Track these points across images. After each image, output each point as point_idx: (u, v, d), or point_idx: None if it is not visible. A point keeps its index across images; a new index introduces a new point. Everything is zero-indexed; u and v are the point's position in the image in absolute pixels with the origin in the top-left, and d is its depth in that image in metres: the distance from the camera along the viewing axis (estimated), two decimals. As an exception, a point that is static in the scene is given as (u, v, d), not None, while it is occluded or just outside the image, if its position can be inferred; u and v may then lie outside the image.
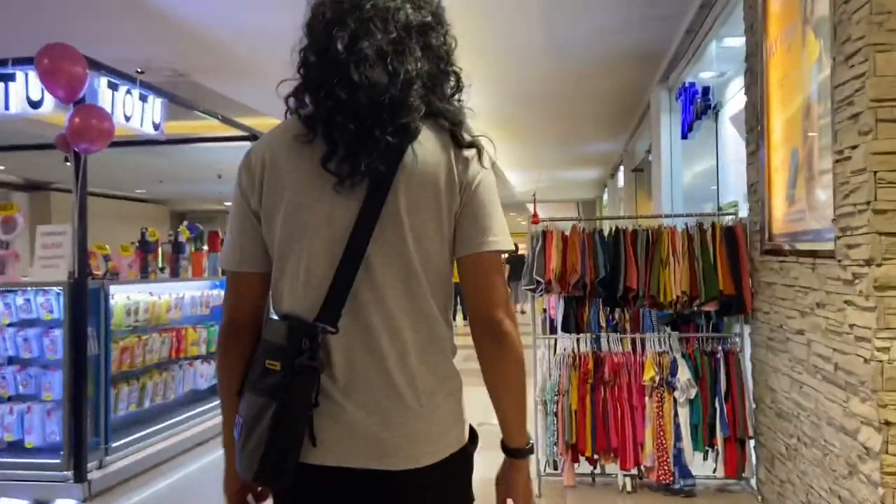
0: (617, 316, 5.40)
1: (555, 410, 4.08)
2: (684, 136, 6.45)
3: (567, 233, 4.16)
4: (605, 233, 4.12)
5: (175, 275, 5.16)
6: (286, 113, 1.30)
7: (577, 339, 4.25)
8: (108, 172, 12.13)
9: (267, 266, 1.31)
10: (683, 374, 3.94)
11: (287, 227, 1.26)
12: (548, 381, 4.15)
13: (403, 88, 1.22)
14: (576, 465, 4.09)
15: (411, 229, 1.24)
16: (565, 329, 5.80)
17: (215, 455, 5.27)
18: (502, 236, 1.29)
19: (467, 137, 1.29)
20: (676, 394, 3.96)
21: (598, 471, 4.16)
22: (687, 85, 6.17)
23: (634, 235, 4.05)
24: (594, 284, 4.07)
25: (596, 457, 4.05)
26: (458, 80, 1.32)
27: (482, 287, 1.28)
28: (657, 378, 3.99)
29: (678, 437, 3.95)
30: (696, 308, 3.99)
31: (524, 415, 1.34)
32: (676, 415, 3.97)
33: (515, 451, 1.35)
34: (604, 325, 5.46)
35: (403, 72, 1.22)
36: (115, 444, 3.61)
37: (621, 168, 13.64)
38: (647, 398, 4.02)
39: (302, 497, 1.28)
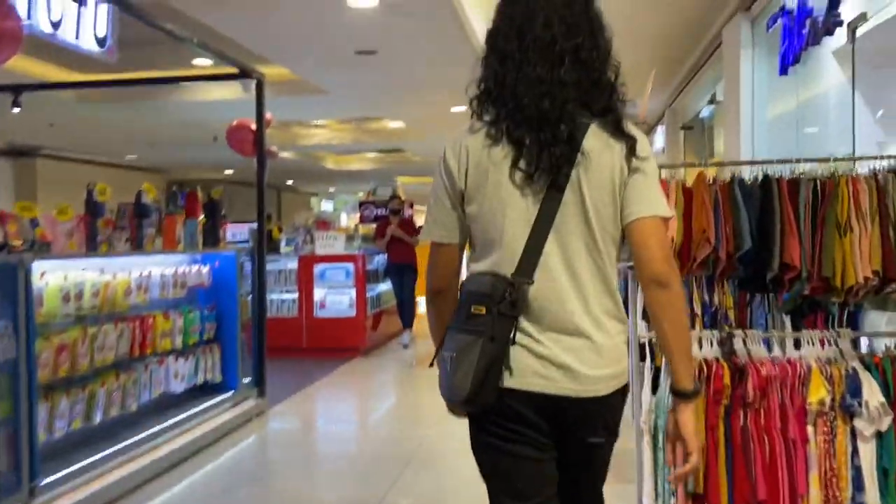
0: (717, 299, 4.12)
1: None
2: (784, 71, 5.06)
3: (689, 183, 2.84)
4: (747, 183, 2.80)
5: (137, 247, 3.88)
6: (471, 115, 1.66)
7: (699, 340, 2.94)
8: (88, 132, 10.78)
9: (463, 239, 1.66)
10: (872, 394, 2.64)
11: (489, 205, 1.59)
12: (662, 399, 2.85)
13: (561, 105, 1.55)
14: (699, 522, 2.83)
15: (592, 205, 1.57)
16: (645, 317, 4.48)
17: (199, 475, 4.01)
18: (661, 203, 1.62)
19: (627, 130, 1.60)
20: (859, 423, 2.67)
21: (730, 530, 2.89)
22: (795, 5, 4.78)
23: (794, 187, 2.72)
24: (732, 260, 2.75)
25: (734, 513, 2.78)
26: (614, 84, 1.63)
27: (653, 245, 1.58)
28: (828, 400, 2.69)
29: (858, 488, 2.66)
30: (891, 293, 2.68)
31: (690, 359, 1.64)
32: (856, 454, 2.68)
33: (683, 393, 1.62)
34: (698, 311, 4.16)
35: (563, 92, 1.55)
36: (46, 481, 2.71)
37: (659, 129, 12.24)
38: (810, 428, 2.73)
39: (496, 415, 1.58)
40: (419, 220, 18.08)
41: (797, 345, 2.90)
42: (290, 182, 22.87)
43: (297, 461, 4.49)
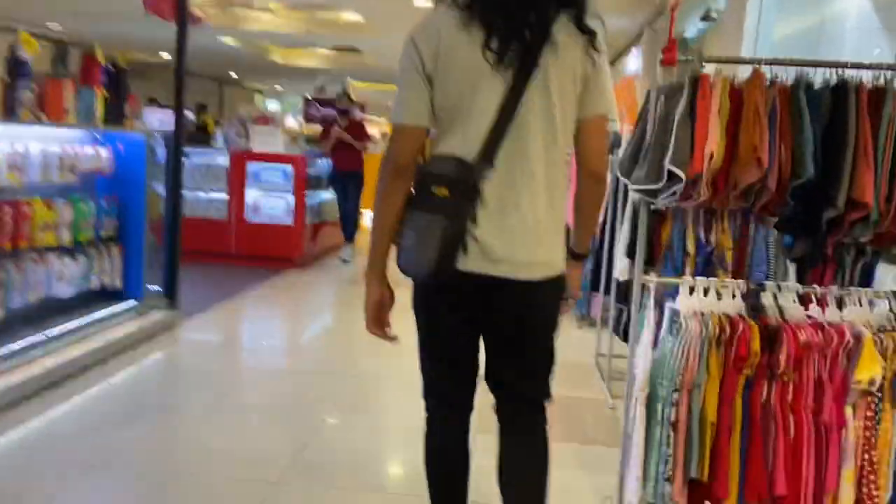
0: (714, 239, 3.54)
1: (671, 417, 2.19)
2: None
3: (741, 84, 2.12)
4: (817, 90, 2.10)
5: (10, 113, 3.01)
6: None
7: (719, 290, 2.30)
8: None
9: (430, 122, 1.68)
10: (937, 375, 2.07)
11: (458, 90, 1.63)
12: (664, 363, 2.23)
13: None
14: (696, 512, 2.28)
15: (555, 95, 1.63)
16: (631, 255, 3.84)
17: (81, 400, 3.31)
18: (611, 103, 1.91)
19: (588, 24, 1.63)
20: (914, 411, 2.11)
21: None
22: None
23: (877, 100, 2.04)
24: (783, 191, 2.09)
25: (742, 509, 2.23)
26: None
27: (597, 143, 1.72)
28: (879, 378, 2.11)
29: (901, 487, 2.14)
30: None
31: (592, 233, 1.98)
32: (903, 446, 2.14)
33: (578, 255, 1.89)
34: (691, 251, 3.56)
35: None
36: None
37: (633, 51, 11.44)
38: (849, 411, 2.16)
39: (446, 289, 1.71)
40: (374, 130, 17.13)
41: (839, 305, 2.29)
42: (233, 74, 21.27)
43: (205, 390, 3.78)
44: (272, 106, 24.35)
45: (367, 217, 11.75)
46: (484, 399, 1.87)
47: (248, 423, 3.36)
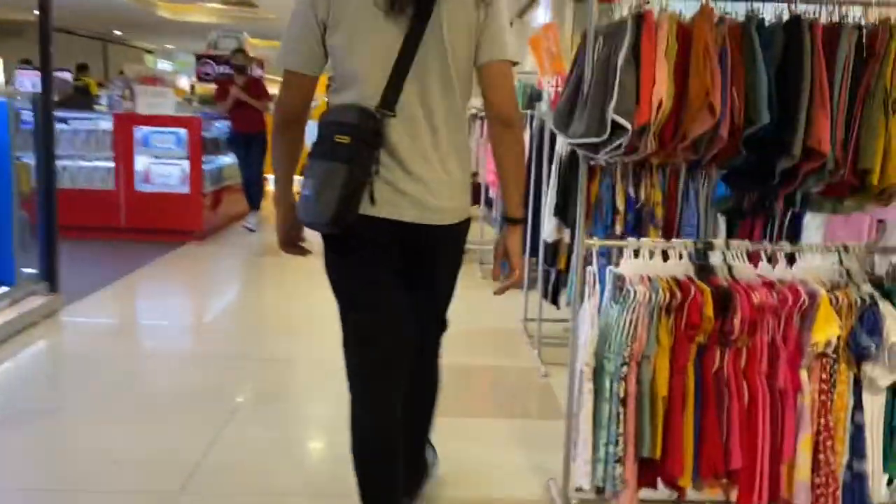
0: (644, 194, 3.45)
1: (619, 392, 2.00)
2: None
3: (687, 21, 1.89)
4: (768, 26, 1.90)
5: None
6: None
7: (663, 252, 2.11)
8: None
9: (320, 70, 1.69)
10: (894, 331, 1.95)
11: (351, 37, 1.62)
12: (610, 333, 2.02)
13: None
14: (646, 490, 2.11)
15: (450, 43, 1.63)
16: (561, 212, 3.67)
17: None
18: (510, 47, 1.70)
19: None
20: (871, 370, 1.99)
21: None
22: None
23: (832, 38, 1.86)
24: (736, 140, 1.89)
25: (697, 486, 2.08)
26: None
27: (501, 87, 1.70)
28: (835, 340, 1.98)
29: (858, 453, 2.03)
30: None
31: (522, 190, 1.87)
32: (858, 409, 2.02)
33: (513, 220, 1.81)
34: (621, 208, 3.47)
35: None
36: None
37: (543, 1, 11.23)
38: (804, 376, 2.02)
39: (357, 240, 1.71)
40: (272, 88, 16.29)
41: (789, 261, 2.15)
42: (117, 32, 19.74)
43: (94, 384, 3.35)
44: (163, 66, 22.85)
45: (272, 181, 11.09)
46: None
47: (146, 420, 2.97)
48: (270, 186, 9.10)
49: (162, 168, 6.39)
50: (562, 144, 3.48)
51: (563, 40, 5.55)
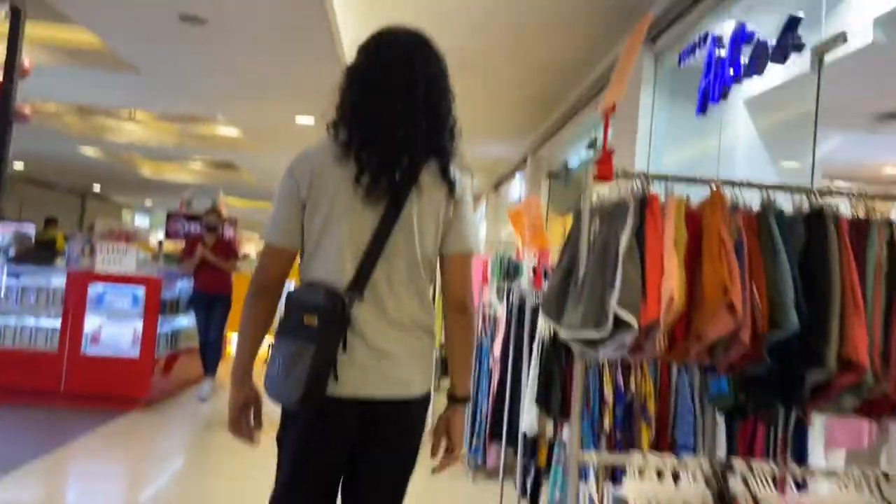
0: (633, 384, 3.16)
1: None
2: (703, 109, 4.29)
3: (696, 208, 1.67)
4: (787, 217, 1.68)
5: None
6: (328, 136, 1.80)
7: (673, 470, 1.75)
8: None
9: (299, 245, 1.78)
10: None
11: (328, 219, 1.73)
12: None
13: (412, 140, 1.73)
14: None
15: (418, 231, 1.75)
16: (543, 402, 3.33)
17: None
18: (471, 240, 1.82)
19: (451, 174, 1.78)
20: None
21: None
22: (729, 30, 4.02)
23: (860, 234, 1.65)
24: (759, 345, 1.61)
25: None
26: (453, 130, 1.82)
27: (462, 278, 1.82)
28: None
29: None
30: None
31: (470, 372, 1.89)
32: None
33: (460, 399, 1.85)
34: (610, 398, 3.16)
35: (414, 129, 1.73)
36: None
37: (518, 176, 11.55)
38: None
39: (320, 419, 1.72)
40: (249, 247, 16.18)
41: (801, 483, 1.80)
42: (96, 188, 19.91)
43: None
44: (141, 221, 22.94)
45: (233, 343, 10.75)
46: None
47: None
48: (231, 349, 8.66)
49: (114, 329, 5.97)
50: (543, 325, 3.21)
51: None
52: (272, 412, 1.81)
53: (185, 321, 6.92)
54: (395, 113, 1.72)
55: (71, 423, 5.34)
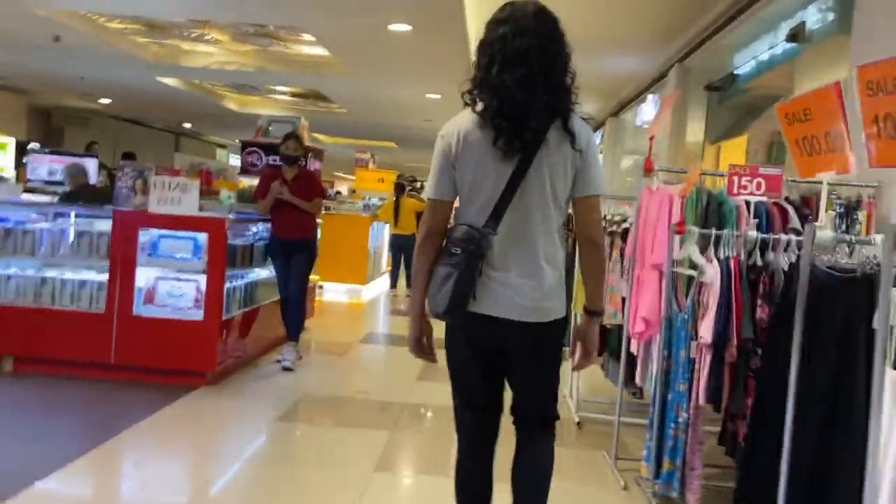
0: None
1: None
2: None
3: None
4: None
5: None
6: (464, 105, 2.16)
7: None
8: None
9: (454, 197, 2.16)
10: None
11: (474, 175, 2.10)
12: None
13: (535, 103, 2.02)
14: None
15: (549, 179, 2.08)
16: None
17: None
18: (599, 184, 2.13)
19: (571, 128, 2.08)
20: None
21: None
22: None
23: None
24: None
25: None
26: (570, 90, 2.10)
27: (590, 217, 2.14)
28: None
29: None
30: None
31: (601, 289, 2.22)
32: None
33: (591, 311, 2.20)
34: None
35: (537, 94, 2.02)
36: None
37: (651, 99, 9.60)
38: None
39: (464, 331, 2.16)
40: (342, 187, 14.94)
41: None
42: (187, 125, 19.21)
43: None
44: (236, 161, 22.30)
45: (327, 291, 9.62)
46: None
47: None
48: (315, 303, 7.45)
49: (172, 285, 4.76)
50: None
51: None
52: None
53: (264, 273, 5.67)
54: (514, 80, 2.00)
55: (124, 405, 4.22)
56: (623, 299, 4.39)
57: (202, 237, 4.74)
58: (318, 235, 6.02)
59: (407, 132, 15.85)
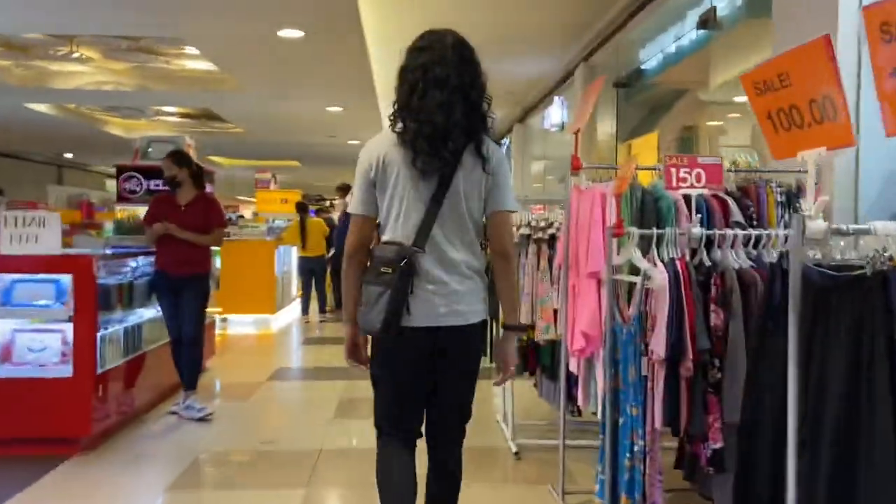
0: None
1: None
2: None
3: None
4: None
5: None
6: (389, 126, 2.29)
7: None
8: None
9: (376, 214, 2.30)
10: None
11: (393, 193, 2.24)
12: None
13: (453, 126, 2.17)
14: None
15: (465, 198, 2.23)
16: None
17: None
18: (508, 201, 2.30)
19: (484, 152, 2.24)
20: None
21: None
22: None
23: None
24: None
25: None
26: (485, 114, 2.27)
27: (500, 230, 2.28)
28: None
29: None
30: None
31: (514, 304, 2.36)
32: None
33: (508, 327, 2.36)
34: None
35: (455, 118, 2.17)
36: None
37: (557, 101, 9.39)
38: None
39: (398, 344, 2.23)
40: (246, 211, 14.06)
41: None
42: (69, 155, 17.82)
43: None
44: (130, 192, 20.87)
45: (232, 324, 8.76)
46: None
47: None
48: (227, 329, 6.73)
49: (31, 338, 4.02)
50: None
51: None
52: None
53: (149, 313, 4.97)
54: (434, 105, 2.15)
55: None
56: (555, 311, 4.00)
57: (66, 279, 4.03)
58: (213, 266, 5.37)
59: (310, 149, 15.19)
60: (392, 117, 2.24)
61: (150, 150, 6.32)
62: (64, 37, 7.33)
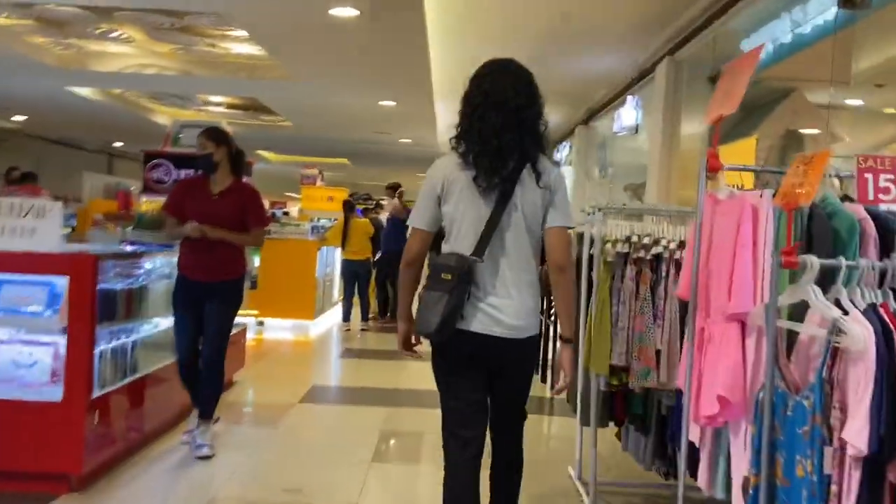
0: None
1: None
2: None
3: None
4: None
5: None
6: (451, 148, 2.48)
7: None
8: None
9: (436, 228, 2.46)
10: None
11: (456, 208, 2.40)
12: None
13: (511, 148, 2.35)
14: None
15: (523, 213, 2.39)
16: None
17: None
18: (566, 216, 2.44)
19: (543, 169, 2.41)
20: None
21: None
22: None
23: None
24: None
25: None
26: (542, 135, 2.44)
27: (557, 244, 2.41)
28: None
29: None
30: None
31: (572, 318, 2.52)
32: None
33: (564, 339, 2.47)
34: None
35: (514, 140, 2.35)
36: None
37: (629, 99, 8.47)
38: None
39: (453, 347, 2.39)
40: (292, 208, 13.51)
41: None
42: (118, 144, 17.56)
43: None
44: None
45: (269, 329, 7.95)
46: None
47: None
48: (263, 334, 6.07)
49: (18, 352, 3.35)
50: None
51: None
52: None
53: (164, 322, 4.28)
54: (494, 128, 2.34)
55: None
56: (657, 352, 3.16)
57: (61, 282, 3.35)
58: (248, 268, 4.64)
59: (360, 146, 14.55)
60: (455, 140, 2.44)
61: (181, 135, 5.65)
62: (102, 10, 6.77)
